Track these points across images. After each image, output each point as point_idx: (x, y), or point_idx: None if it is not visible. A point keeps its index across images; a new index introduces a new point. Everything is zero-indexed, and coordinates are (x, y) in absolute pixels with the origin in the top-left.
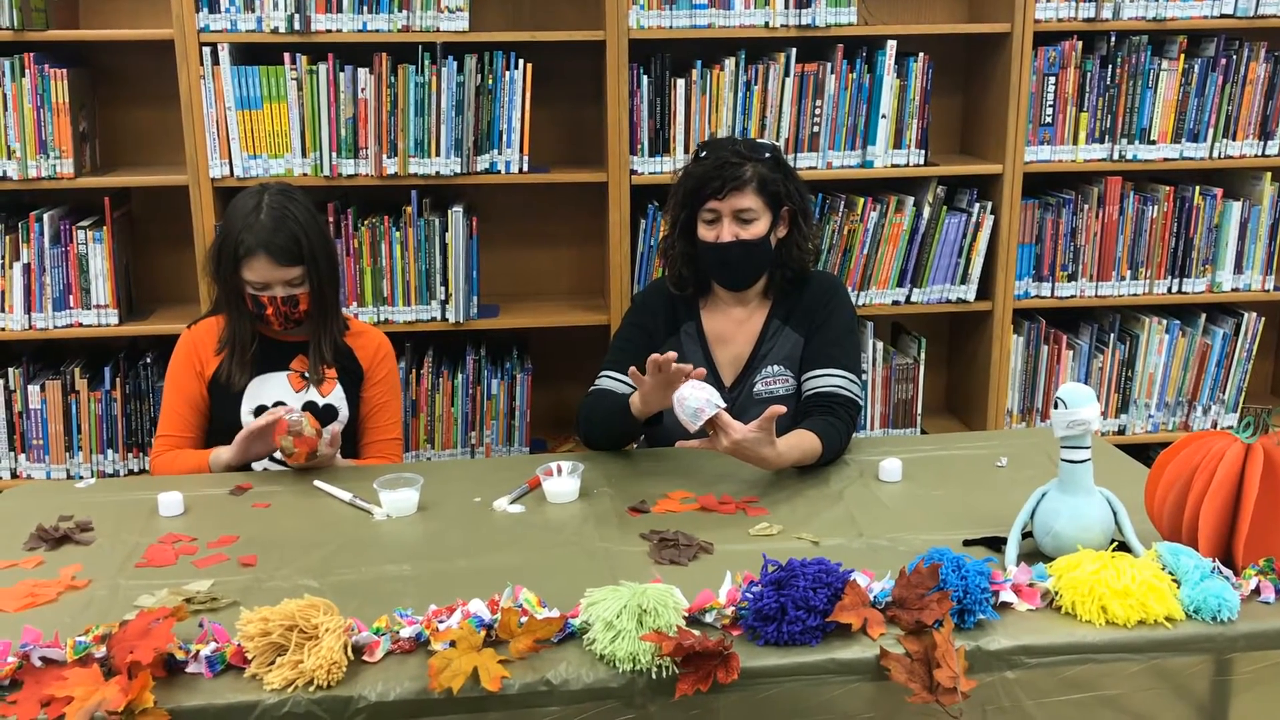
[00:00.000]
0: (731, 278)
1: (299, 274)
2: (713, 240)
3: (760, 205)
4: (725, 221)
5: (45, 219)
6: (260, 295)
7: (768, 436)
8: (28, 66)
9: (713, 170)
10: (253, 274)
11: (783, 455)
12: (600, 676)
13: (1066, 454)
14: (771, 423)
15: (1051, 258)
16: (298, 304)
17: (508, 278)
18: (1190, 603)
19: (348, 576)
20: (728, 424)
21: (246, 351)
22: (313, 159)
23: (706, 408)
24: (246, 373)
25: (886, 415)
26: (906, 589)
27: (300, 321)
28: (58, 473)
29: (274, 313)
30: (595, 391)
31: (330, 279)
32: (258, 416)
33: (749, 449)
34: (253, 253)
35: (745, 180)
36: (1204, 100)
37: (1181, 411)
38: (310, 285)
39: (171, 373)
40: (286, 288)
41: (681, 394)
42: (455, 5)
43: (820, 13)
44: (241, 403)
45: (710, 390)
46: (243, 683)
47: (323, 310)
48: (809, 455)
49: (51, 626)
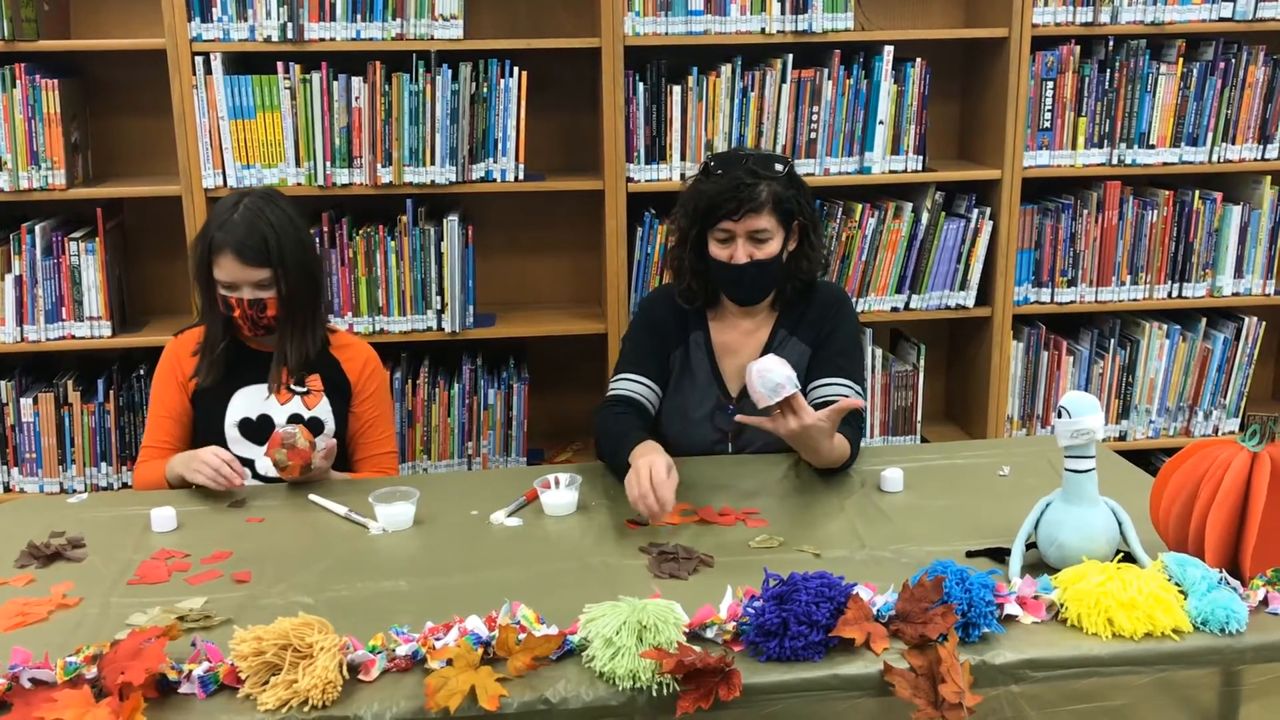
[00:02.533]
0: (744, 295)
1: (266, 276)
2: (726, 260)
3: (774, 224)
4: (740, 242)
5: (37, 230)
6: (229, 296)
7: (832, 428)
8: (19, 77)
9: (728, 191)
10: (221, 273)
11: (833, 450)
12: (600, 694)
13: (1070, 463)
14: (841, 415)
15: (1051, 263)
16: (265, 308)
17: (504, 287)
18: (1198, 614)
19: (343, 593)
20: (801, 406)
21: (215, 350)
22: (307, 168)
23: (788, 385)
24: (215, 373)
25: (886, 422)
26: (910, 603)
27: (270, 328)
28: (51, 486)
29: (240, 315)
30: (612, 399)
31: (304, 287)
32: (243, 431)
33: (813, 436)
34: (221, 250)
35: (761, 202)
36: (1203, 104)
37: (1183, 417)
38: (278, 291)
39: (155, 383)
40: (254, 290)
41: (764, 365)
42: (450, 13)
43: (817, 18)
44: (225, 414)
45: (789, 368)
46: (236, 703)
47: (291, 319)
48: (843, 458)
49: (42, 646)
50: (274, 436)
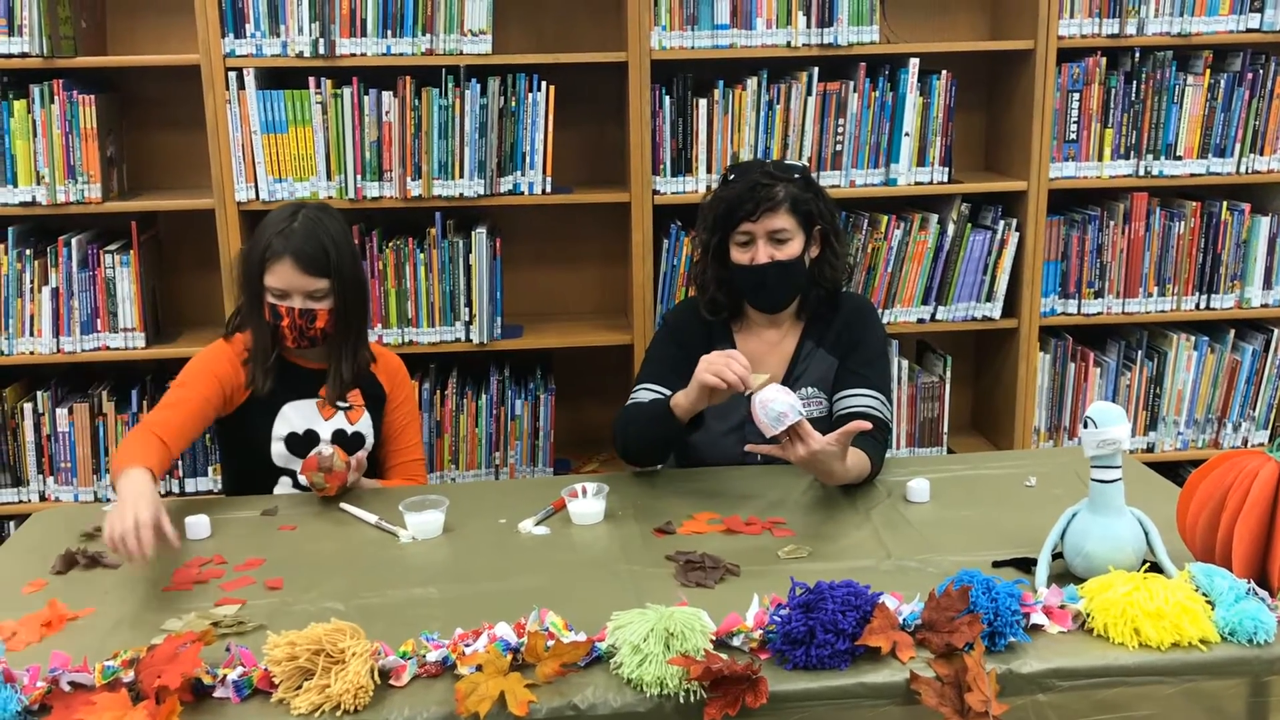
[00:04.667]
0: (768, 299)
1: (323, 287)
2: (748, 262)
3: (794, 225)
4: (760, 243)
5: (73, 243)
6: (279, 304)
7: (843, 450)
8: (56, 93)
9: (745, 192)
10: (275, 279)
11: (849, 470)
12: (628, 701)
13: (1097, 473)
14: (850, 436)
15: (1078, 274)
16: (314, 319)
17: (531, 298)
18: (1225, 625)
19: (374, 600)
20: (808, 433)
21: (268, 358)
22: (337, 182)
23: (790, 413)
24: (270, 379)
25: (912, 434)
26: (936, 612)
27: (315, 340)
28: (85, 495)
29: (289, 324)
30: (632, 404)
31: (356, 302)
32: (289, 445)
33: (823, 461)
34: (279, 256)
35: (779, 201)
36: (1230, 115)
37: (1211, 429)
38: (334, 303)
39: (190, 373)
40: (306, 300)
41: (764, 396)
42: (478, 28)
43: (842, 31)
44: (272, 429)
45: (793, 396)
46: (269, 707)
47: (345, 334)
48: (864, 474)
49: (79, 651)
50: (310, 460)
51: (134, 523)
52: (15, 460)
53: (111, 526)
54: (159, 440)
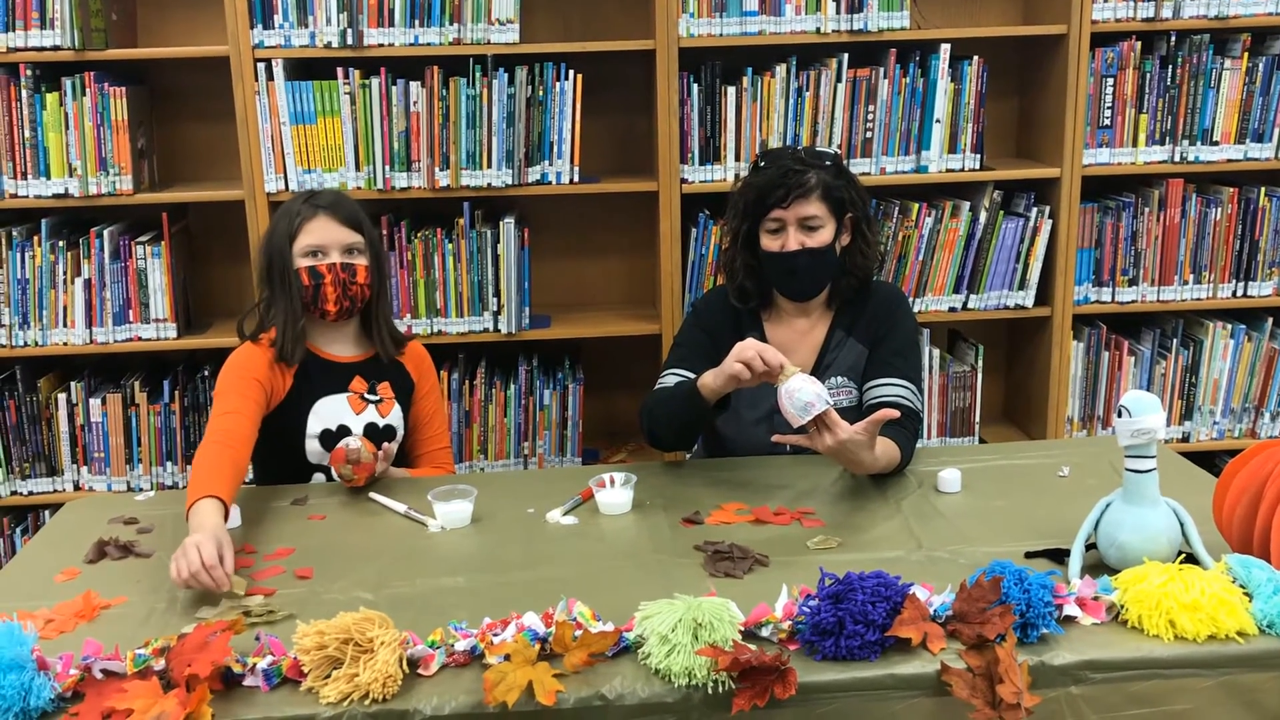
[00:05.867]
0: (799, 287)
1: (359, 241)
2: (778, 249)
3: (825, 212)
4: (790, 230)
5: (105, 235)
6: (319, 264)
7: (871, 440)
8: (88, 85)
9: (776, 179)
10: (311, 237)
11: (877, 460)
12: (656, 691)
13: (1131, 463)
14: (878, 425)
15: (1111, 262)
16: (355, 274)
17: (559, 288)
18: (1263, 617)
19: (403, 589)
20: (835, 422)
21: (296, 324)
22: (366, 172)
23: (817, 403)
24: (301, 349)
25: (944, 424)
26: (968, 603)
27: (355, 301)
28: (118, 485)
29: (332, 280)
30: (659, 387)
31: (382, 277)
32: (323, 441)
33: (851, 450)
34: (313, 215)
35: (810, 187)
36: (1269, 99)
37: (1248, 418)
38: (369, 260)
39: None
40: (344, 254)
41: (791, 386)
42: (505, 17)
43: (872, 17)
44: (305, 427)
45: (820, 385)
46: (299, 696)
47: (380, 302)
48: (893, 463)
49: (111, 639)
50: (337, 451)
51: (200, 565)
52: (49, 450)
53: (178, 569)
54: (230, 458)
